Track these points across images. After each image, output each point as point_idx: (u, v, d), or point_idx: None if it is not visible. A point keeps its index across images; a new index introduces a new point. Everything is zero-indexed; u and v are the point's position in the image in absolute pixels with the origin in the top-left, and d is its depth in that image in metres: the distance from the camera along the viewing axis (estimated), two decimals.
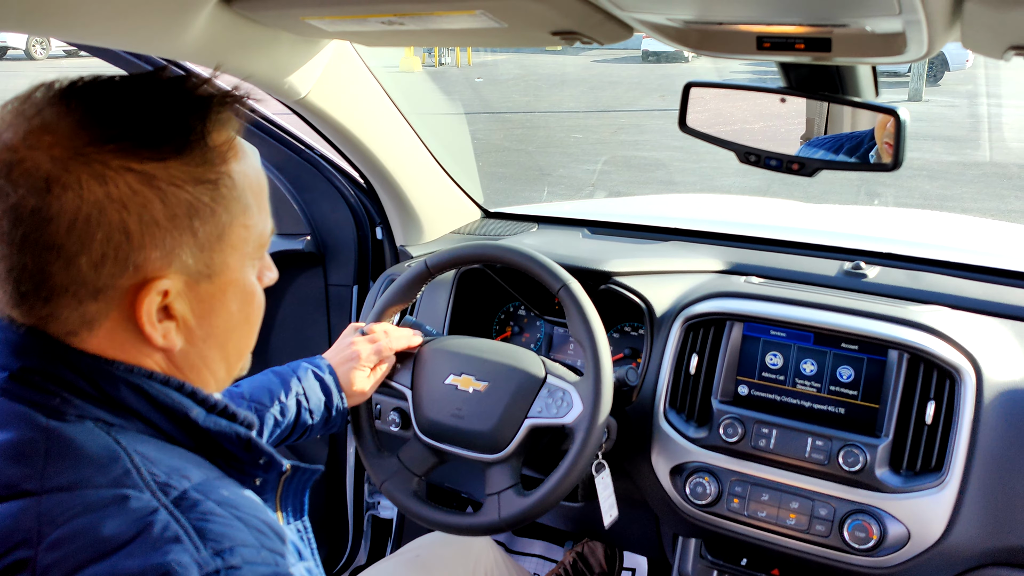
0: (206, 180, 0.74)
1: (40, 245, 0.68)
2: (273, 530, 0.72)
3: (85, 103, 0.71)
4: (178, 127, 0.73)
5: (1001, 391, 1.31)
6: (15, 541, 0.64)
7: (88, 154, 0.68)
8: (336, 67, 1.49)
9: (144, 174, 0.70)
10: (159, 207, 0.70)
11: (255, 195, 0.80)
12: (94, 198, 0.68)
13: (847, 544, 1.32)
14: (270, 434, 1.26)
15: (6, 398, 0.72)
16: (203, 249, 0.75)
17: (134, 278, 0.71)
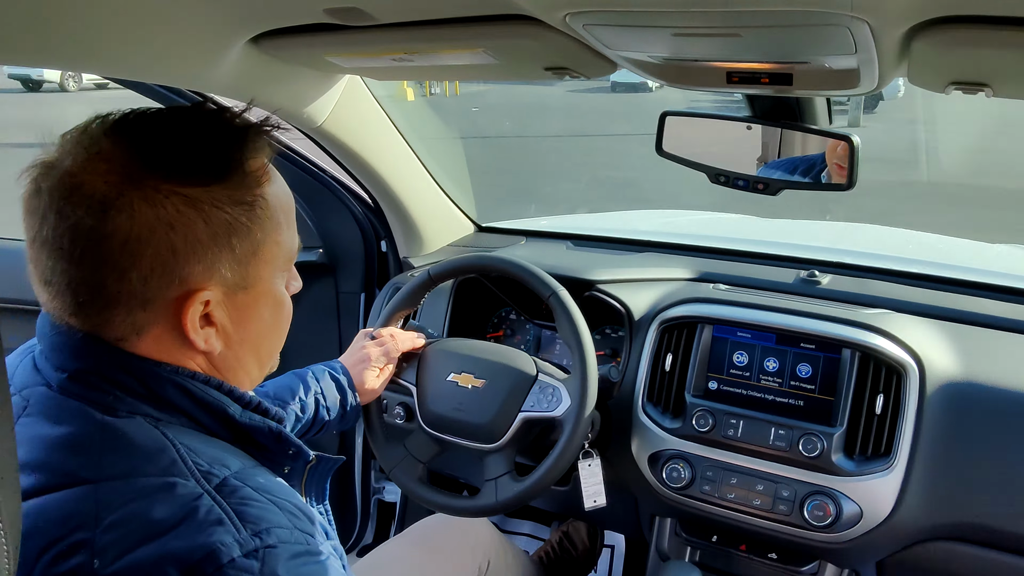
0: (243, 202, 0.75)
1: (96, 260, 0.69)
2: (304, 513, 0.73)
3: (136, 134, 0.72)
4: (219, 156, 0.74)
5: (942, 384, 1.32)
6: (75, 524, 0.65)
7: (140, 180, 0.69)
8: (348, 98, 1.49)
9: (189, 197, 0.71)
10: (202, 226, 0.71)
11: (285, 214, 0.81)
12: (145, 219, 0.69)
13: (807, 522, 1.33)
14: (291, 429, 1.26)
15: (65, 395, 0.73)
16: (240, 263, 0.76)
17: (179, 290, 0.72)
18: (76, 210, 0.68)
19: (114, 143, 0.71)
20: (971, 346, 1.39)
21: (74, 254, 0.69)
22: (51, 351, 0.75)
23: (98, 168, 0.69)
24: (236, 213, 0.74)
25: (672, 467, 1.43)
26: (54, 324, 0.75)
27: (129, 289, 0.70)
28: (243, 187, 0.75)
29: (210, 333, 0.76)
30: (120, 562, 0.63)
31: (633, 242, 1.91)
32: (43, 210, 0.70)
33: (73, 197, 0.69)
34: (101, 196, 0.68)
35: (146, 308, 0.72)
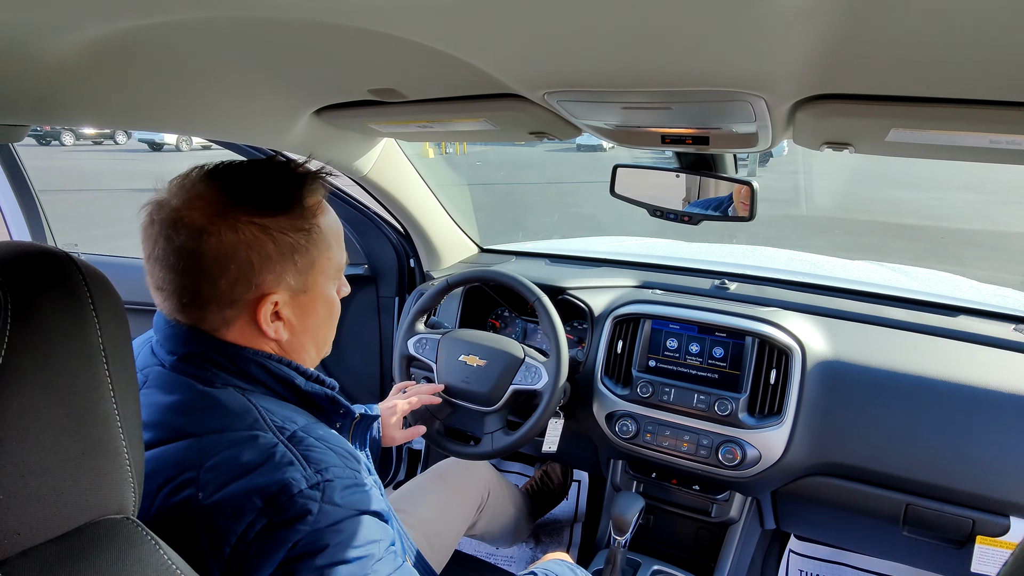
0: (303, 229, 0.74)
1: (194, 272, 0.69)
2: (352, 455, 0.72)
3: (224, 179, 0.72)
4: (284, 194, 0.74)
5: (818, 362, 1.32)
6: (184, 467, 0.65)
7: (226, 213, 0.69)
8: (386, 156, 1.48)
9: (262, 225, 0.71)
10: (272, 247, 0.71)
11: (335, 237, 0.81)
12: (229, 241, 0.69)
13: (721, 463, 1.33)
14: None
15: (175, 372, 0.73)
16: (301, 273, 0.75)
17: (255, 293, 0.72)
18: (180, 236, 0.69)
19: (208, 186, 0.71)
20: (839, 334, 1.39)
21: (178, 267, 0.69)
22: (164, 340, 0.75)
23: (195, 205, 0.69)
24: (297, 237, 0.74)
25: (622, 423, 1.42)
26: (166, 320, 0.75)
27: (219, 293, 0.70)
28: (302, 218, 0.75)
29: (279, 326, 0.75)
30: (218, 494, 0.63)
31: (593, 259, 1.91)
32: (155, 235, 0.70)
33: (177, 226, 0.69)
34: (198, 226, 0.68)
35: (232, 307, 0.72)
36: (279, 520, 0.61)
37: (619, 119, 0.89)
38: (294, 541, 0.61)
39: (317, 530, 0.62)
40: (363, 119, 1.11)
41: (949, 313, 1.46)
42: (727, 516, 1.44)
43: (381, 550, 0.67)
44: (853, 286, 1.61)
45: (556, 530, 2.01)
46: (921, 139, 0.76)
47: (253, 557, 0.61)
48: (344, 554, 0.63)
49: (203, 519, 0.62)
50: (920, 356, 1.29)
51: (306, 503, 0.62)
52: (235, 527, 0.61)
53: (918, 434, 1.22)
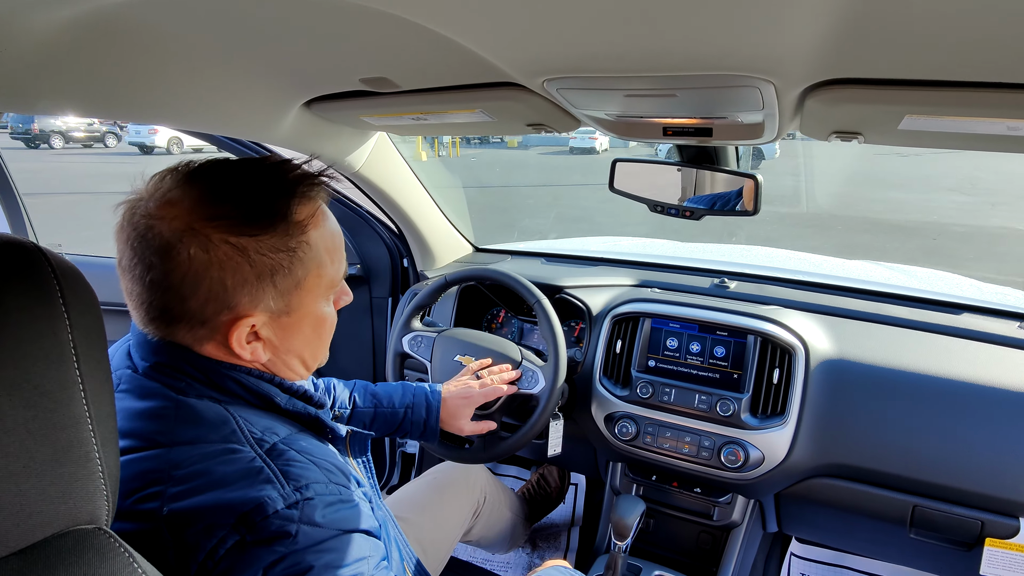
0: (286, 248, 0.68)
1: (162, 287, 0.64)
2: (339, 470, 0.68)
3: (203, 185, 0.66)
4: (269, 209, 0.67)
5: (821, 361, 1.29)
6: (152, 479, 0.60)
7: (198, 229, 0.63)
8: (378, 151, 1.44)
9: (238, 246, 0.64)
10: (248, 269, 0.65)
11: (329, 252, 0.73)
12: (200, 260, 0.63)
13: (723, 464, 1.29)
14: (378, 426, 1.18)
15: (147, 379, 0.68)
16: (283, 295, 0.69)
17: (230, 315, 0.66)
18: (146, 249, 0.63)
19: (183, 192, 0.65)
20: (842, 333, 1.36)
21: (145, 281, 0.64)
22: (137, 346, 0.70)
23: (167, 213, 0.64)
24: (279, 258, 0.67)
25: (622, 424, 1.39)
26: (139, 330, 0.70)
27: (189, 312, 0.65)
28: (287, 235, 0.68)
29: (257, 347, 0.70)
30: (186, 506, 0.58)
31: (590, 258, 1.88)
32: (123, 243, 0.65)
33: (147, 236, 0.63)
34: (165, 241, 0.63)
35: (203, 326, 0.67)
36: (253, 539, 0.57)
37: (621, 108, 0.86)
38: (271, 561, 0.57)
39: (297, 551, 0.58)
40: (355, 111, 1.07)
41: (953, 311, 1.44)
42: (729, 519, 1.41)
43: (371, 567, 0.63)
44: (855, 284, 1.58)
45: (553, 535, 1.97)
46: (936, 126, 0.74)
47: (223, 575, 0.56)
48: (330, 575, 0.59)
49: (171, 533, 0.58)
50: (925, 354, 1.27)
51: (283, 524, 0.58)
52: (204, 542, 0.57)
53: (925, 434, 1.19)
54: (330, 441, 0.77)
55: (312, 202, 0.71)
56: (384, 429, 1.19)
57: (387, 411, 1.19)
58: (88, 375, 0.51)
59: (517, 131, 1.08)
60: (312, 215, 0.70)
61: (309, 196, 0.71)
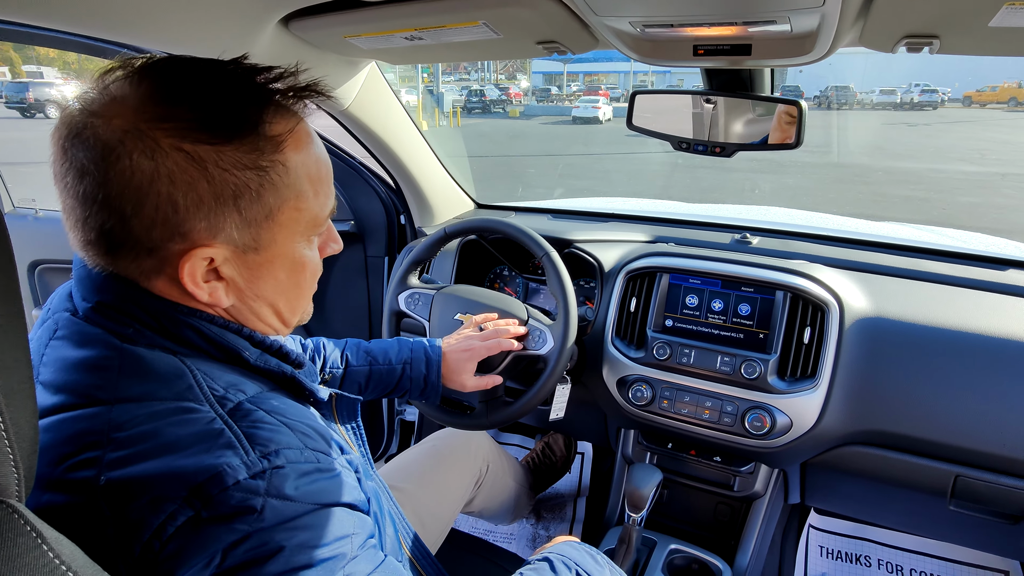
0: (256, 167, 0.54)
1: (97, 203, 0.51)
2: (318, 434, 0.55)
3: (155, 81, 0.52)
4: (235, 116, 0.54)
5: (856, 319, 1.17)
6: (86, 442, 0.48)
7: (143, 130, 0.50)
8: (369, 87, 1.30)
9: (194, 156, 0.51)
10: (205, 186, 0.52)
11: (313, 182, 0.60)
12: (144, 170, 0.50)
13: (747, 431, 1.18)
14: (374, 385, 1.07)
15: (88, 323, 0.55)
16: (249, 225, 0.56)
17: (183, 244, 0.53)
18: (78, 151, 0.51)
19: (132, 87, 0.52)
20: (878, 289, 1.24)
21: (78, 192, 0.51)
22: (77, 282, 0.57)
23: (108, 112, 0.51)
24: (245, 177, 0.54)
25: (636, 388, 1.27)
26: (82, 263, 0.57)
27: (133, 236, 0.52)
28: (256, 151, 0.54)
29: (218, 288, 0.57)
30: (127, 475, 0.47)
31: (600, 214, 1.75)
32: (55, 146, 0.52)
33: (80, 138, 0.51)
34: (103, 142, 0.50)
35: (151, 256, 0.54)
36: (210, 515, 0.46)
37: (649, 7, 0.72)
38: (231, 542, 0.46)
39: (263, 530, 0.47)
40: (338, 29, 0.93)
41: (997, 267, 1.31)
42: (751, 490, 1.30)
43: (355, 546, 0.52)
44: (890, 240, 1.45)
45: (558, 505, 1.88)
46: None
47: (173, 558, 0.45)
48: (305, 557, 0.48)
49: (110, 507, 0.46)
50: (971, 312, 1.15)
51: (246, 498, 0.47)
52: (150, 519, 0.46)
53: (970, 397, 1.08)
54: (312, 405, 0.66)
55: (292, 116, 0.58)
56: (380, 389, 1.08)
57: (383, 368, 1.07)
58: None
59: (526, 52, 0.94)
60: (291, 131, 0.57)
61: (289, 109, 0.58)
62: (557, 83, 37.42)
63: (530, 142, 15.45)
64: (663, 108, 1.07)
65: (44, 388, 0.53)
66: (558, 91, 35.33)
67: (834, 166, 11.09)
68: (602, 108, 19.99)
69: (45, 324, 0.59)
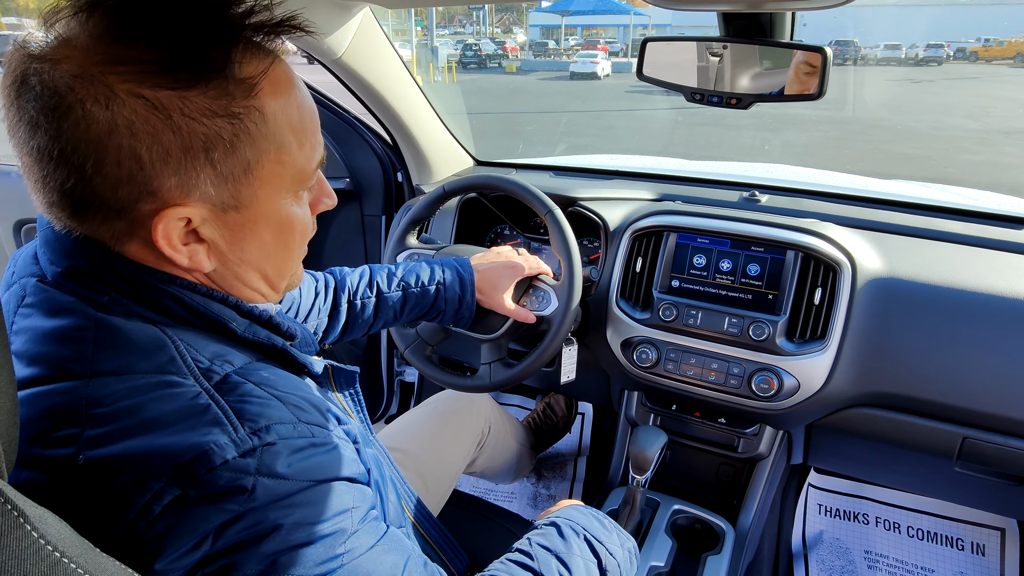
0: (226, 114, 0.48)
1: (53, 159, 0.46)
2: (313, 405, 0.52)
3: (108, 18, 0.46)
4: (198, 56, 0.47)
5: (869, 279, 1.14)
6: (64, 419, 0.45)
7: (95, 75, 0.44)
8: (364, 34, 1.22)
9: (154, 102, 0.45)
10: (171, 137, 0.46)
11: (295, 131, 0.54)
12: (100, 120, 0.45)
13: (754, 393, 1.17)
14: (409, 309, 1.04)
15: (59, 290, 0.50)
16: (226, 181, 0.50)
17: (153, 203, 0.48)
18: (28, 104, 0.45)
19: (82, 26, 0.46)
20: (891, 249, 1.20)
21: (32, 149, 0.46)
22: (44, 244, 0.53)
23: (57, 54, 0.45)
24: (215, 126, 0.48)
25: (641, 350, 1.25)
26: (48, 223, 0.52)
27: (97, 195, 0.47)
28: (226, 96, 0.48)
29: (198, 251, 0.52)
30: (106, 450, 0.44)
31: (604, 172, 1.69)
32: (4, 95, 0.47)
33: (24, 86, 0.45)
34: (51, 91, 0.44)
35: (121, 217, 0.49)
36: (198, 494, 0.44)
37: None
38: (222, 522, 0.44)
39: (256, 510, 0.45)
40: None
41: (1014, 226, 1.28)
42: (755, 452, 1.30)
43: (355, 520, 0.50)
44: (903, 198, 1.41)
45: (559, 464, 1.89)
46: None
47: (160, 539, 0.43)
48: (303, 534, 0.46)
49: (92, 486, 0.44)
50: (986, 272, 1.12)
51: (236, 478, 0.44)
52: (135, 498, 0.43)
53: (982, 359, 1.06)
54: (306, 375, 0.62)
55: (265, 56, 0.52)
56: (415, 312, 1.05)
57: (416, 291, 1.03)
58: None
59: None
60: (264, 73, 0.51)
61: (262, 47, 0.52)
62: (555, 36, 36.29)
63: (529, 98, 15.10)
64: (676, 56, 1.00)
65: (17, 359, 0.49)
66: (556, 45, 34.35)
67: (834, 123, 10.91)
68: (600, 64, 19.41)
69: (11, 289, 0.54)
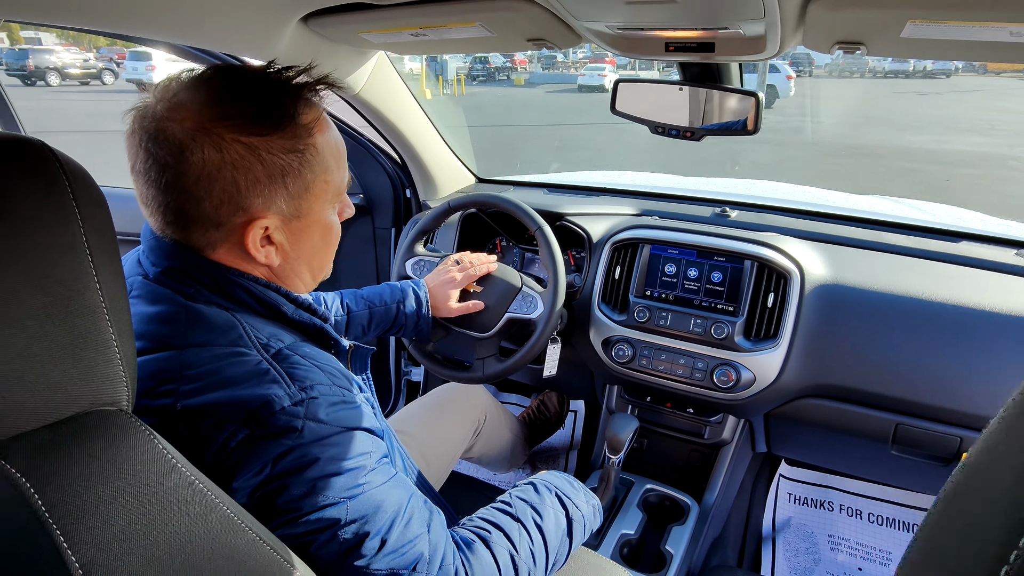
0: (296, 150, 0.69)
1: (176, 190, 0.66)
2: (342, 373, 0.71)
3: (211, 87, 0.67)
4: (276, 110, 0.68)
5: (816, 285, 1.31)
6: (165, 377, 0.64)
7: (209, 128, 0.65)
8: (378, 73, 1.42)
9: (250, 145, 0.66)
10: (260, 168, 0.67)
11: (335, 158, 0.75)
12: (213, 161, 0.65)
13: (715, 385, 1.34)
14: (375, 324, 1.23)
15: (158, 284, 0.70)
16: (294, 198, 0.71)
17: (244, 217, 0.69)
18: (160, 150, 0.65)
19: (191, 95, 0.66)
20: (838, 259, 1.37)
21: (160, 183, 0.66)
22: (149, 251, 0.72)
23: (177, 115, 0.65)
24: (289, 159, 0.69)
25: (619, 348, 1.43)
26: (152, 232, 0.72)
27: (204, 214, 0.67)
28: (295, 137, 0.69)
29: (270, 251, 0.72)
30: (199, 402, 0.62)
31: (592, 189, 1.87)
32: (136, 146, 0.67)
33: (158, 139, 0.65)
34: (178, 141, 0.64)
35: (218, 229, 0.69)
36: (262, 433, 0.61)
37: (622, 17, 0.85)
38: (279, 453, 0.61)
39: (303, 445, 0.62)
40: (353, 26, 1.05)
41: (951, 239, 1.44)
42: (720, 438, 1.47)
43: (373, 461, 0.67)
44: (854, 213, 1.58)
45: (552, 457, 2.06)
46: (938, 33, 0.72)
47: (235, 465, 0.61)
48: (335, 467, 0.63)
49: (185, 427, 0.61)
50: (919, 280, 1.29)
51: (289, 420, 0.62)
52: (216, 435, 0.61)
53: (911, 355, 1.23)
54: (334, 354, 0.81)
55: (315, 107, 0.73)
56: (381, 327, 1.24)
57: (381, 309, 1.23)
58: (101, 267, 0.53)
59: (518, 46, 1.06)
60: (317, 119, 0.72)
61: (312, 101, 0.73)
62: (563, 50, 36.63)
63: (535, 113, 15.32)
64: (642, 95, 1.19)
65: None
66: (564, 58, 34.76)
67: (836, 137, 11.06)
68: (608, 76, 19.74)
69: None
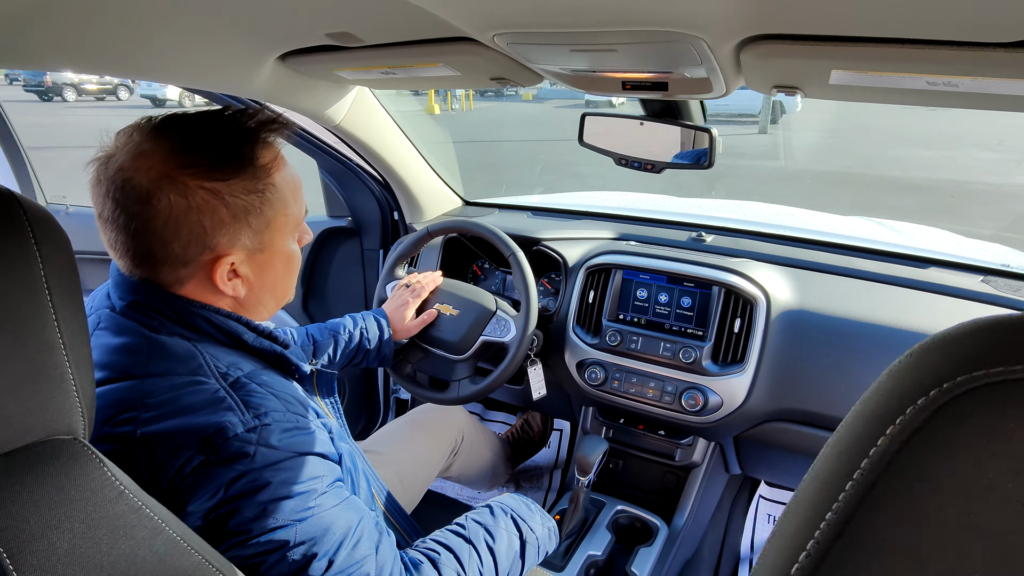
0: (256, 190, 0.74)
1: (145, 234, 0.70)
2: (298, 401, 0.75)
3: (171, 136, 0.71)
4: (236, 155, 0.73)
5: (782, 311, 1.34)
6: (127, 406, 0.68)
7: (174, 176, 0.69)
8: (359, 105, 1.47)
9: (213, 190, 0.71)
10: (224, 210, 0.72)
11: (292, 192, 0.80)
12: (179, 206, 0.69)
13: (684, 408, 1.36)
14: (341, 353, 1.28)
15: (124, 317, 0.74)
16: (257, 233, 0.76)
17: (211, 255, 0.73)
18: (126, 199, 0.69)
19: (153, 145, 0.70)
20: (806, 285, 1.40)
21: (128, 229, 0.70)
22: (115, 287, 0.77)
23: (141, 165, 0.69)
24: (250, 199, 0.74)
25: (592, 370, 1.46)
26: (120, 271, 0.76)
27: (172, 255, 0.72)
28: (255, 178, 0.74)
29: (237, 283, 0.77)
30: (157, 429, 0.66)
31: (574, 212, 1.91)
32: (102, 196, 0.71)
33: (124, 188, 0.69)
34: (144, 189, 0.69)
35: (186, 267, 0.73)
36: (216, 459, 0.65)
37: (571, 63, 0.89)
38: (231, 478, 0.65)
39: (255, 469, 0.66)
40: (327, 65, 1.10)
41: (920, 265, 1.47)
42: (690, 460, 1.49)
43: (324, 485, 0.71)
44: (828, 238, 1.61)
45: (536, 476, 2.08)
46: (862, 81, 0.76)
47: (190, 489, 0.64)
48: (285, 490, 0.67)
49: (143, 453, 0.65)
50: (885, 306, 1.31)
51: (242, 446, 0.66)
52: (173, 461, 0.64)
53: (868, 380, 1.23)
54: (297, 380, 0.84)
55: (272, 147, 0.77)
56: (347, 356, 1.29)
57: (344, 337, 1.29)
58: (60, 305, 0.57)
59: (483, 84, 1.11)
60: (274, 159, 0.77)
61: (269, 141, 0.77)
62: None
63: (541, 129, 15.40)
64: (607, 128, 1.23)
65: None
66: None
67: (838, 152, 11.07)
68: None
69: (90, 318, 0.78)
